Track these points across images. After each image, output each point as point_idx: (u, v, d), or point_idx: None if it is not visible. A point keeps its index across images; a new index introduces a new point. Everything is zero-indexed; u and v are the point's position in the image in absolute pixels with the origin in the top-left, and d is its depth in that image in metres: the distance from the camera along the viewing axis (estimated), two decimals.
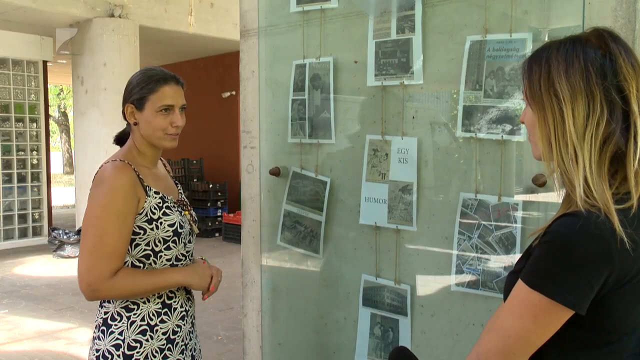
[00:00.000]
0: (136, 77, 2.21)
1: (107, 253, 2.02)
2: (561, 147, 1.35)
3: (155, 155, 2.27)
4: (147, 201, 2.11)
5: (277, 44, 3.09)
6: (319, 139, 2.91)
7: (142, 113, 2.17)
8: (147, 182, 2.15)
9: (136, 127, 2.19)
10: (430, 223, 2.54)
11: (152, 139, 2.19)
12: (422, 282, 2.60)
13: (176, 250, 2.19)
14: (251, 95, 3.17)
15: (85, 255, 2.03)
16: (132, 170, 2.10)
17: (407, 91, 2.58)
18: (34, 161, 11.32)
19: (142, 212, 2.10)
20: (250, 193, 3.21)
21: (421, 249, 2.59)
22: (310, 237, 2.96)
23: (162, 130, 2.18)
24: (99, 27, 9.27)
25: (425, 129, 2.55)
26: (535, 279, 1.30)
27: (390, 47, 2.60)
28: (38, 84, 11.26)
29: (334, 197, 2.89)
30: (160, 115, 2.16)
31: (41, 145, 11.34)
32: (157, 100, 2.16)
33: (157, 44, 11.73)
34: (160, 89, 2.16)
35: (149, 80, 2.17)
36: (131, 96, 2.17)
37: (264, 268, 3.18)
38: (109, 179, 2.05)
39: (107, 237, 2.02)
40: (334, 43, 2.85)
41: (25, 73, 11.07)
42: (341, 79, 2.83)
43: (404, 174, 2.59)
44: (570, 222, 1.29)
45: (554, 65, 1.36)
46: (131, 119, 2.18)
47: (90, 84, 9.33)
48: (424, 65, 2.52)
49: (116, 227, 2.03)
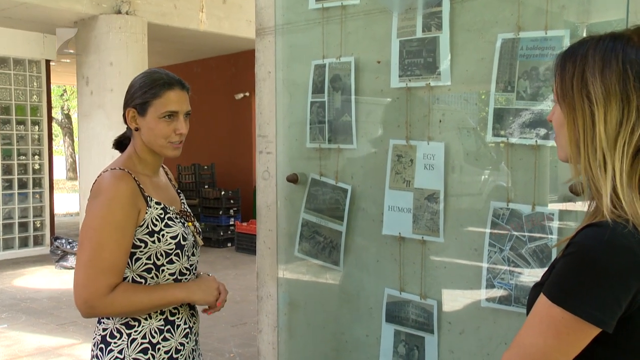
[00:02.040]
0: (139, 79, 2.21)
1: (104, 268, 2.03)
2: (589, 152, 1.34)
3: (157, 163, 2.30)
4: (148, 212, 2.12)
5: (295, 42, 3.12)
6: (339, 143, 2.93)
7: (144, 118, 2.18)
8: (148, 192, 2.16)
9: (137, 133, 2.21)
10: (459, 234, 2.55)
11: (154, 146, 2.21)
12: (449, 297, 2.60)
13: (179, 264, 2.21)
14: (267, 97, 3.20)
15: (81, 270, 2.04)
16: (132, 179, 2.12)
17: (434, 93, 2.59)
18: (36, 166, 11.44)
19: (142, 224, 2.11)
20: (266, 201, 3.23)
21: (449, 262, 2.60)
22: (330, 248, 2.97)
23: (164, 138, 2.19)
24: (105, 24, 9.36)
25: (453, 133, 2.56)
26: (558, 293, 1.30)
27: (415, 46, 2.61)
28: (40, 84, 11.40)
29: (355, 206, 2.90)
30: (163, 121, 2.18)
31: (43, 149, 11.47)
32: (160, 106, 2.17)
33: (166, 43, 11.81)
34: (165, 94, 2.17)
35: (153, 84, 2.18)
36: (133, 100, 2.18)
37: (281, 281, 3.20)
38: (107, 189, 2.07)
39: (105, 251, 2.03)
40: (356, 42, 2.87)
41: (27, 73, 11.21)
42: (363, 80, 2.85)
43: (430, 181, 2.60)
44: (596, 232, 1.29)
45: (589, 64, 1.36)
46: (132, 124, 2.20)
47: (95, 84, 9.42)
48: (451, 66, 2.53)
49: (114, 241, 2.04)
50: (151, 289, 2.14)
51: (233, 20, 11.16)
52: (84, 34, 9.67)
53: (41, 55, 11.25)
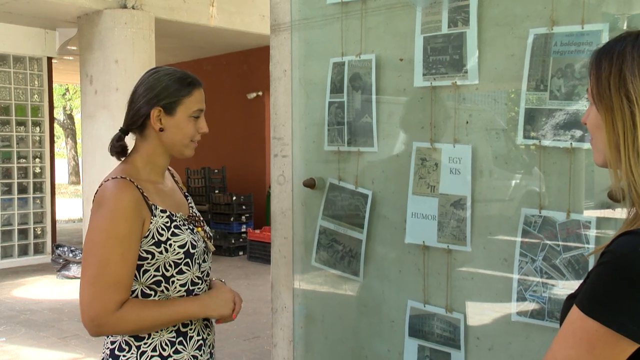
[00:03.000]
0: (163, 78, 2.24)
1: (110, 283, 2.04)
2: (630, 155, 1.34)
3: (165, 166, 2.33)
4: (153, 222, 2.14)
5: (312, 39, 3.13)
6: (359, 146, 2.93)
7: (172, 118, 2.21)
8: (152, 200, 2.17)
9: (155, 134, 2.22)
10: (487, 243, 2.54)
11: (177, 146, 2.24)
12: (477, 311, 2.59)
13: (190, 273, 2.21)
14: (283, 97, 3.21)
15: (86, 287, 2.06)
16: (135, 188, 2.13)
17: (460, 92, 2.59)
18: (37, 170, 11.52)
19: (148, 234, 2.12)
20: (282, 207, 3.24)
21: (476, 273, 2.59)
22: (349, 258, 2.97)
23: (190, 138, 2.25)
24: (110, 19, 9.41)
25: (481, 135, 2.56)
26: (592, 305, 1.29)
27: (440, 43, 2.61)
28: (42, 83, 11.48)
29: (376, 213, 2.90)
30: (192, 120, 2.24)
31: (45, 151, 11.55)
32: (192, 104, 2.23)
33: (174, 39, 11.87)
34: (195, 92, 2.25)
35: (183, 82, 2.23)
36: (160, 99, 2.20)
37: (297, 292, 3.20)
38: (109, 200, 2.09)
39: (110, 266, 2.04)
40: (377, 38, 2.87)
41: (28, 71, 11.30)
42: (384, 79, 2.85)
43: (456, 186, 2.60)
44: (633, 241, 1.28)
45: (628, 62, 1.35)
46: (157, 124, 2.21)
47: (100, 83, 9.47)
48: (479, 63, 2.53)
49: (119, 254, 2.05)
50: (162, 304, 2.15)
51: (245, 15, 11.19)
52: (87, 29, 9.73)
53: (42, 52, 11.34)
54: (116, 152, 2.30)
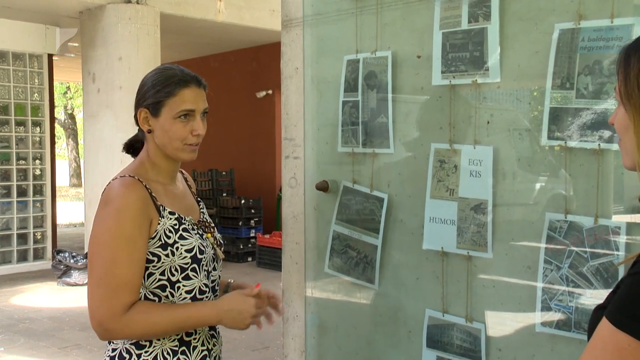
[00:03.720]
0: (151, 77, 2.24)
1: (117, 285, 2.05)
2: None
3: (173, 169, 2.31)
4: (160, 223, 2.14)
5: (326, 35, 3.13)
6: (374, 147, 2.93)
7: (157, 119, 2.20)
8: (161, 201, 2.18)
9: (150, 135, 2.23)
10: (509, 249, 2.54)
11: (169, 149, 2.22)
12: (499, 321, 2.59)
13: (197, 280, 2.21)
14: (294, 96, 3.21)
15: (94, 289, 2.07)
16: (143, 187, 2.14)
17: (481, 91, 2.59)
18: (37, 172, 11.57)
19: (154, 235, 2.13)
20: (293, 211, 3.24)
21: (498, 280, 2.58)
22: (364, 264, 2.97)
23: (180, 140, 2.21)
24: (113, 14, 9.45)
25: (503, 136, 2.55)
26: (622, 317, 1.28)
27: (460, 39, 2.61)
28: (42, 81, 11.52)
29: (393, 217, 2.90)
30: (178, 122, 2.19)
31: (45, 153, 11.59)
32: (175, 105, 2.18)
33: (180, 35, 11.90)
34: (180, 92, 2.19)
35: (167, 81, 2.20)
36: (145, 99, 2.21)
37: (309, 300, 3.20)
38: (115, 199, 2.10)
39: (117, 267, 2.05)
40: (393, 34, 2.87)
41: (28, 68, 11.33)
42: (401, 77, 2.85)
43: (477, 189, 2.59)
44: None
45: None
46: (144, 125, 2.22)
47: (103, 81, 9.51)
48: (501, 60, 2.52)
49: (126, 255, 2.06)
50: (175, 307, 2.15)
51: (255, 9, 11.21)
52: (90, 25, 9.77)
53: (43, 48, 11.38)
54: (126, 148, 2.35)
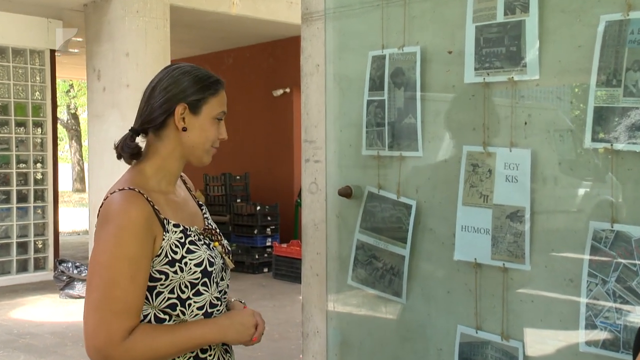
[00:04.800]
0: (190, 72, 2.26)
1: (117, 309, 2.05)
2: None
3: (179, 173, 2.34)
4: (165, 238, 2.14)
5: (349, 29, 3.14)
6: (401, 150, 2.93)
7: (196, 117, 2.23)
8: (164, 214, 2.18)
9: (174, 135, 2.23)
10: (549, 260, 2.52)
11: (198, 150, 2.25)
12: (538, 339, 2.57)
13: (208, 294, 2.22)
14: (315, 95, 3.22)
15: (91, 313, 2.07)
16: (145, 200, 2.13)
17: (518, 89, 2.58)
18: (38, 176, 11.62)
19: (160, 253, 2.13)
20: (314, 219, 3.24)
21: (537, 295, 2.57)
22: (390, 276, 2.97)
23: (211, 142, 2.27)
24: (120, 7, 9.49)
25: (542, 138, 2.54)
26: None
27: (495, 33, 2.60)
28: (44, 78, 11.57)
29: (421, 225, 2.90)
30: (215, 123, 2.26)
31: (47, 155, 11.64)
32: (217, 105, 2.25)
33: (191, 29, 11.95)
34: (221, 92, 2.28)
35: (209, 79, 2.25)
36: (186, 95, 2.22)
37: (331, 315, 3.20)
38: (116, 216, 2.09)
39: (117, 290, 2.05)
40: (422, 28, 2.87)
41: (29, 65, 11.38)
42: (431, 74, 2.85)
43: (513, 196, 2.58)
44: None
45: None
46: (180, 123, 2.22)
47: (108, 79, 9.55)
48: (540, 55, 2.51)
49: (127, 277, 2.05)
50: (175, 329, 2.15)
51: (271, 1, 11.23)
52: (95, 19, 9.83)
53: (45, 44, 11.42)
54: (130, 154, 2.28)
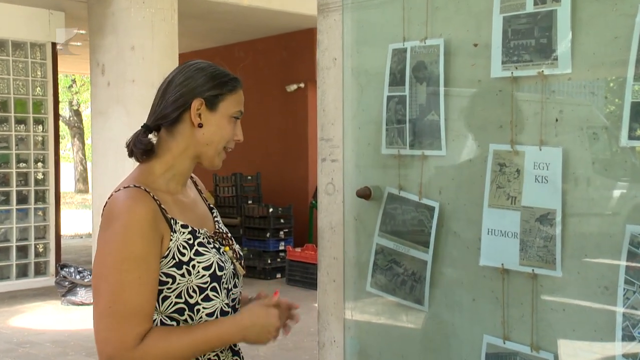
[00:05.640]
0: (207, 68, 2.27)
1: (128, 313, 2.05)
2: None
3: (189, 174, 2.35)
4: (173, 239, 2.15)
5: (368, 21, 3.14)
6: (423, 149, 2.93)
7: (213, 114, 2.24)
8: (171, 213, 2.19)
9: (189, 132, 2.23)
10: (582, 266, 2.51)
11: (210, 150, 2.26)
12: (570, 350, 2.56)
13: (219, 301, 2.22)
14: (332, 90, 3.22)
15: (101, 320, 2.07)
16: (151, 198, 2.14)
17: (549, 83, 2.57)
18: (39, 176, 11.68)
19: (167, 254, 2.14)
20: (330, 221, 3.24)
21: (569, 303, 2.56)
22: (412, 282, 2.97)
23: (225, 142, 2.28)
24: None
25: (574, 136, 2.53)
26: None
27: (524, 24, 2.60)
28: (45, 73, 11.62)
29: (445, 229, 2.90)
30: (232, 122, 2.27)
31: (48, 154, 11.69)
32: (235, 102, 2.27)
33: (201, 21, 11.97)
34: (239, 90, 2.29)
35: (227, 76, 2.27)
36: (203, 90, 2.23)
37: (348, 323, 3.21)
38: (121, 214, 2.10)
39: (125, 293, 2.05)
40: (446, 19, 2.87)
41: (30, 59, 11.44)
42: (455, 68, 2.85)
43: (543, 197, 2.58)
44: None
45: None
46: (196, 118, 2.23)
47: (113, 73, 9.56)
48: (573, 47, 2.50)
49: (137, 278, 2.06)
50: (193, 330, 2.15)
51: None
52: (98, 10, 9.84)
53: (46, 37, 11.46)
54: (142, 151, 2.27)
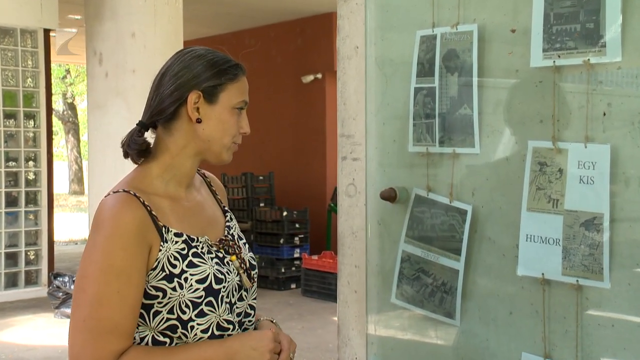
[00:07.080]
0: (204, 56, 2.27)
1: (104, 330, 2.06)
2: None
3: (192, 173, 2.35)
4: (162, 249, 2.15)
5: (394, 5, 3.15)
6: (455, 146, 2.93)
7: (212, 107, 2.24)
8: (164, 220, 2.19)
9: (187, 128, 2.24)
10: (633, 277, 2.51)
11: (213, 146, 2.26)
12: None
13: (214, 315, 2.21)
14: (354, 82, 3.22)
15: (76, 334, 2.08)
16: (140, 204, 2.15)
17: (595, 73, 2.57)
18: (30, 176, 11.69)
19: (155, 265, 2.14)
20: (351, 226, 3.24)
21: (618, 318, 2.56)
22: (442, 294, 2.97)
23: (231, 137, 2.28)
24: None
25: (624, 131, 2.52)
26: None
27: (568, 7, 2.59)
28: (37, 63, 11.62)
29: (478, 234, 2.90)
30: (235, 114, 2.27)
31: (40, 152, 11.70)
32: (237, 93, 2.26)
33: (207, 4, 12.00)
34: (241, 78, 2.28)
35: (226, 63, 2.26)
36: (200, 81, 2.23)
37: (371, 338, 3.21)
38: (104, 222, 2.12)
39: (103, 307, 2.06)
40: (480, 2, 2.88)
41: (20, 47, 11.43)
42: (490, 57, 2.85)
43: (589, 200, 2.57)
44: None
45: None
46: (194, 113, 2.23)
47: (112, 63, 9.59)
48: (623, 33, 2.49)
49: (116, 292, 2.07)
50: (173, 352, 2.15)
51: None
52: None
53: (38, 22, 11.46)
54: (137, 151, 2.28)
